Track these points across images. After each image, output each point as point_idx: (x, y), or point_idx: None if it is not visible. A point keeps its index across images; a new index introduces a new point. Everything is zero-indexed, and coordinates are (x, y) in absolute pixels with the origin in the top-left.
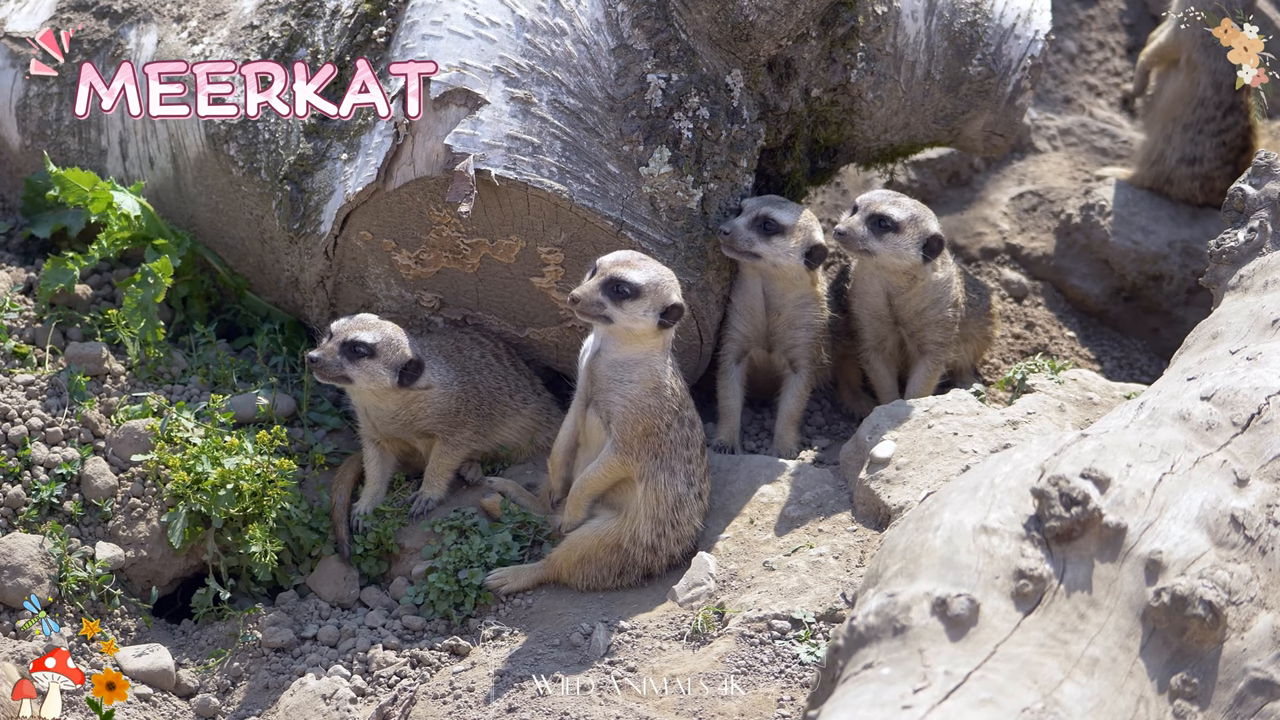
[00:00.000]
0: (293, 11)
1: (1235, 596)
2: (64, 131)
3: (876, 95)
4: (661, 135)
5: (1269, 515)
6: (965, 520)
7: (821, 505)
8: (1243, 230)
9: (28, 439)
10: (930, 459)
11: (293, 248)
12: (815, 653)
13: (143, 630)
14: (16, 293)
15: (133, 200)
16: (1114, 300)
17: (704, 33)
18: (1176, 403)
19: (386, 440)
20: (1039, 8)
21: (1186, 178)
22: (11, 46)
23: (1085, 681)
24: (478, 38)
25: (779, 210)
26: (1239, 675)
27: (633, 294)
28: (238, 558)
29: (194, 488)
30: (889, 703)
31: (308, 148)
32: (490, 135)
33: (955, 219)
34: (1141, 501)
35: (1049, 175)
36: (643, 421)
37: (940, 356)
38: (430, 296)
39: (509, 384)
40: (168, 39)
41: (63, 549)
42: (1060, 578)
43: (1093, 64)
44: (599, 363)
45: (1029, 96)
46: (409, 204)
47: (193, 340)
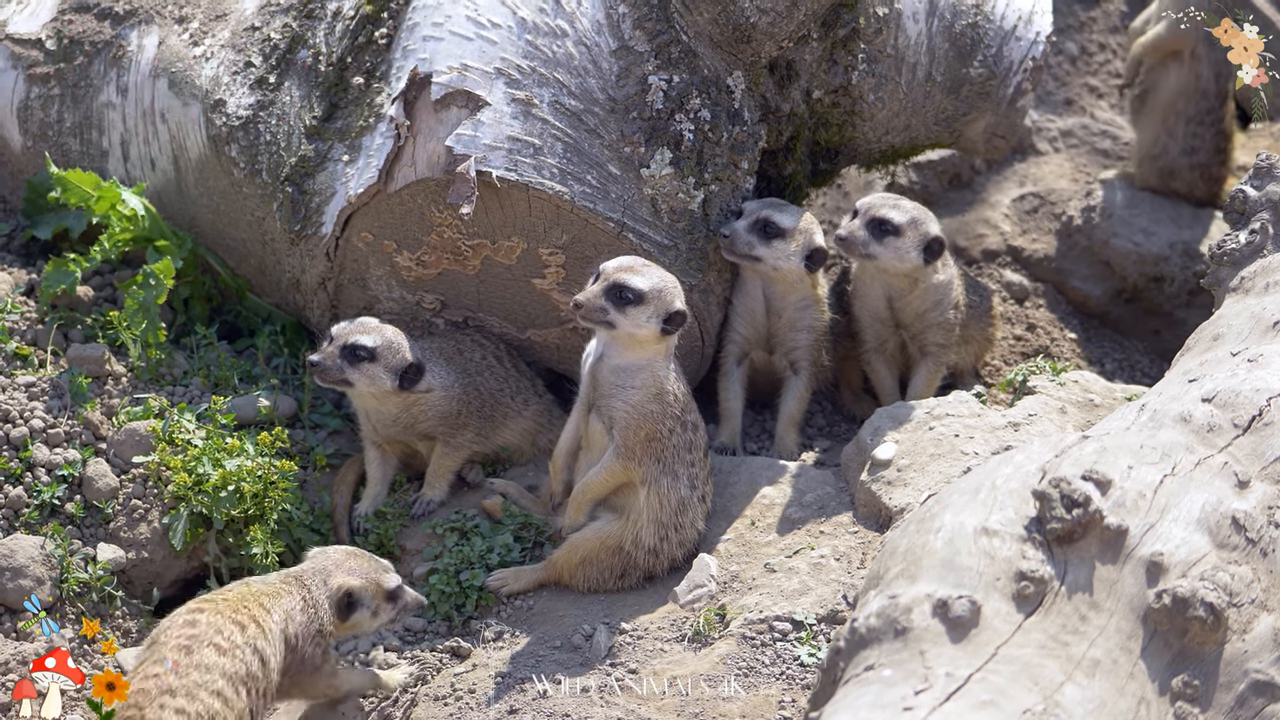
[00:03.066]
0: (294, 13)
1: (1236, 598)
2: (65, 133)
3: (878, 97)
4: (663, 137)
5: (1270, 517)
6: (966, 522)
7: (823, 507)
8: (1244, 232)
9: (29, 440)
10: (931, 461)
11: (294, 249)
12: (816, 654)
13: (144, 632)
14: (18, 294)
15: (138, 200)
16: (1115, 302)
17: (705, 34)
18: (1178, 404)
19: (388, 442)
20: (1040, 9)
21: (1187, 168)
22: (13, 48)
23: (1086, 683)
24: (479, 39)
25: (779, 213)
26: (1240, 677)
27: (636, 300)
28: (239, 559)
29: (195, 489)
30: (890, 704)
31: (309, 149)
32: (491, 137)
33: (956, 221)
34: (1143, 503)
35: (1050, 177)
36: (645, 427)
37: (941, 358)
38: (431, 298)
39: (510, 386)
40: (169, 40)
41: (64, 550)
42: (1061, 579)
43: (1094, 66)
44: (601, 368)
45: (1030, 98)
46: (410, 205)
47: (194, 342)
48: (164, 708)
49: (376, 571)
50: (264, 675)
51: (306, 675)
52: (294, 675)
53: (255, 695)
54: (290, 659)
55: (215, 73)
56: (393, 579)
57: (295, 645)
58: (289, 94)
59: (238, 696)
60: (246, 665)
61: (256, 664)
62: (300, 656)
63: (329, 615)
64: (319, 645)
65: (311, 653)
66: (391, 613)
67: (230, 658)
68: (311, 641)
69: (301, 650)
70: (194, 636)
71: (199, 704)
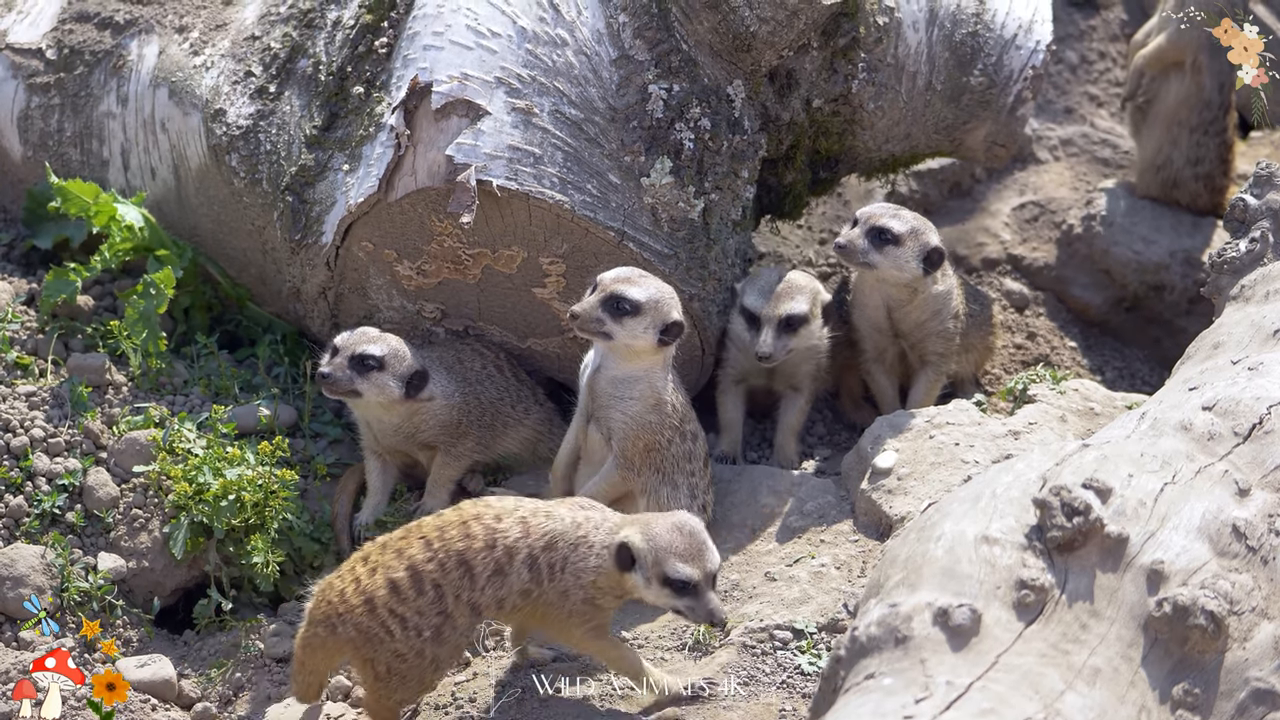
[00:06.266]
0: (294, 22)
1: (1237, 606)
2: (66, 142)
3: (878, 105)
4: (663, 146)
5: (1270, 525)
6: (967, 530)
7: (823, 515)
8: (1244, 240)
9: (30, 450)
10: (932, 469)
11: (294, 258)
12: (817, 663)
13: (144, 641)
14: (19, 304)
15: (135, 212)
16: (1115, 310)
17: (705, 43)
18: (1178, 413)
19: (388, 452)
20: (1040, 18)
21: (1191, 179)
22: (13, 58)
23: (1087, 691)
24: (479, 48)
25: (793, 302)
26: (1240, 685)
27: (633, 311)
28: (240, 568)
29: (196, 498)
30: (891, 713)
31: (309, 158)
32: (492, 146)
33: (957, 229)
34: (1143, 511)
35: (1050, 185)
36: (644, 438)
37: (941, 367)
38: (432, 307)
39: (511, 395)
40: (169, 50)
41: (65, 560)
42: (1062, 588)
43: (1094, 74)
44: (599, 379)
45: (1030, 107)
46: (410, 215)
47: (194, 351)
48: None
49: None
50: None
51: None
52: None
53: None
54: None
55: (215, 82)
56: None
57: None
58: (289, 103)
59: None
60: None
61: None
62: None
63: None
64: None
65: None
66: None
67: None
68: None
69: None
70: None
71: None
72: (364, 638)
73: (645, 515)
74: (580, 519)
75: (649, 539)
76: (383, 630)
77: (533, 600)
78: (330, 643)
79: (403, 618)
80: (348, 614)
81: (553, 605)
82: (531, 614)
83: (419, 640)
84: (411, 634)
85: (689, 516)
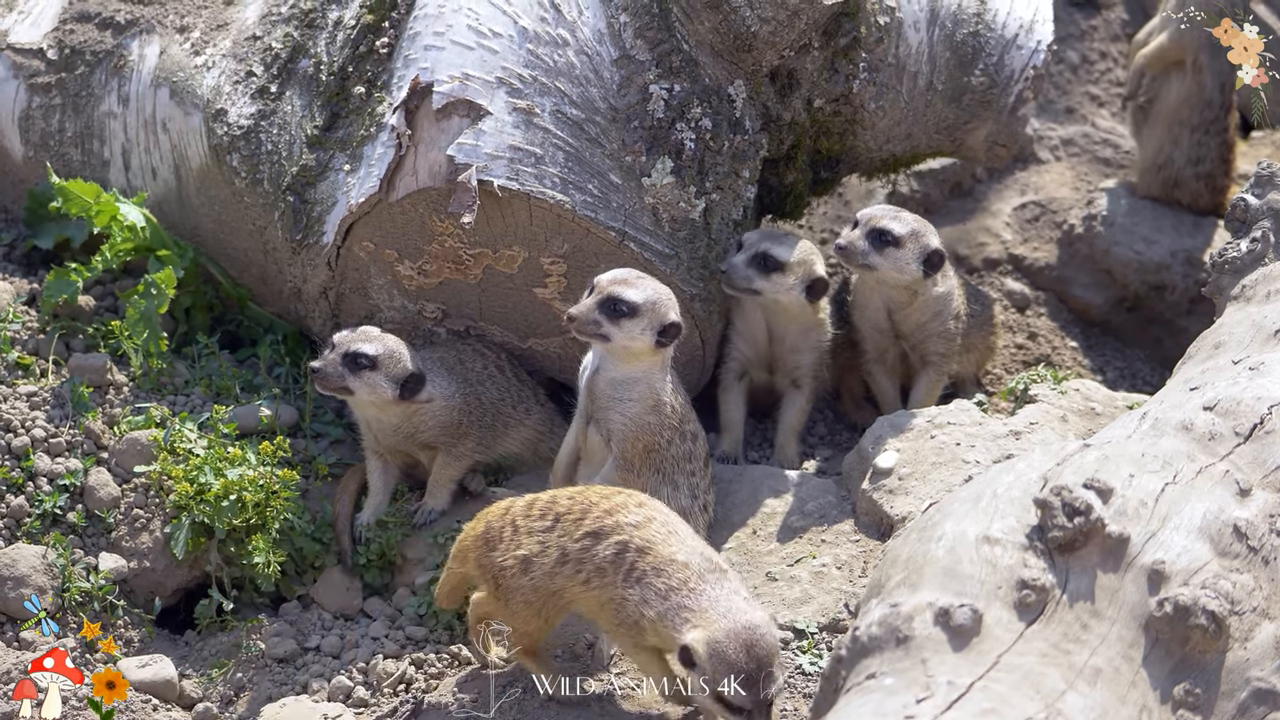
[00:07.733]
0: (295, 22)
1: (1238, 606)
2: (67, 143)
3: (879, 105)
4: (664, 146)
5: (1271, 525)
6: (968, 530)
7: (824, 515)
8: (1245, 240)
9: (31, 450)
10: (933, 469)
11: (295, 258)
12: (818, 663)
13: (145, 641)
14: (20, 304)
15: (137, 212)
16: (1116, 310)
17: (706, 43)
18: (1179, 413)
19: (389, 452)
20: (1041, 18)
21: (1192, 179)
22: (14, 58)
23: (1088, 691)
24: (480, 48)
25: (777, 245)
26: (1242, 685)
27: (630, 312)
28: (241, 568)
29: (197, 498)
30: (892, 713)
31: (310, 158)
32: (493, 146)
33: (958, 229)
34: (1144, 511)
35: (1051, 185)
36: (643, 439)
37: (943, 367)
38: (433, 307)
39: (511, 395)
40: (170, 50)
41: (66, 560)
42: (1063, 588)
43: (1095, 74)
44: (598, 381)
45: (1031, 107)
46: (411, 215)
47: (195, 351)
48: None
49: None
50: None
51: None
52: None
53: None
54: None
55: (217, 82)
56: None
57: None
58: (290, 103)
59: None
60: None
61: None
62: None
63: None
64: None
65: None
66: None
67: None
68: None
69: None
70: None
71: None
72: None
73: (725, 603)
74: (693, 580)
75: (712, 650)
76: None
77: (598, 586)
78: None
79: (516, 526)
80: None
81: (613, 601)
82: (584, 591)
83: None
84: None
85: (766, 627)
